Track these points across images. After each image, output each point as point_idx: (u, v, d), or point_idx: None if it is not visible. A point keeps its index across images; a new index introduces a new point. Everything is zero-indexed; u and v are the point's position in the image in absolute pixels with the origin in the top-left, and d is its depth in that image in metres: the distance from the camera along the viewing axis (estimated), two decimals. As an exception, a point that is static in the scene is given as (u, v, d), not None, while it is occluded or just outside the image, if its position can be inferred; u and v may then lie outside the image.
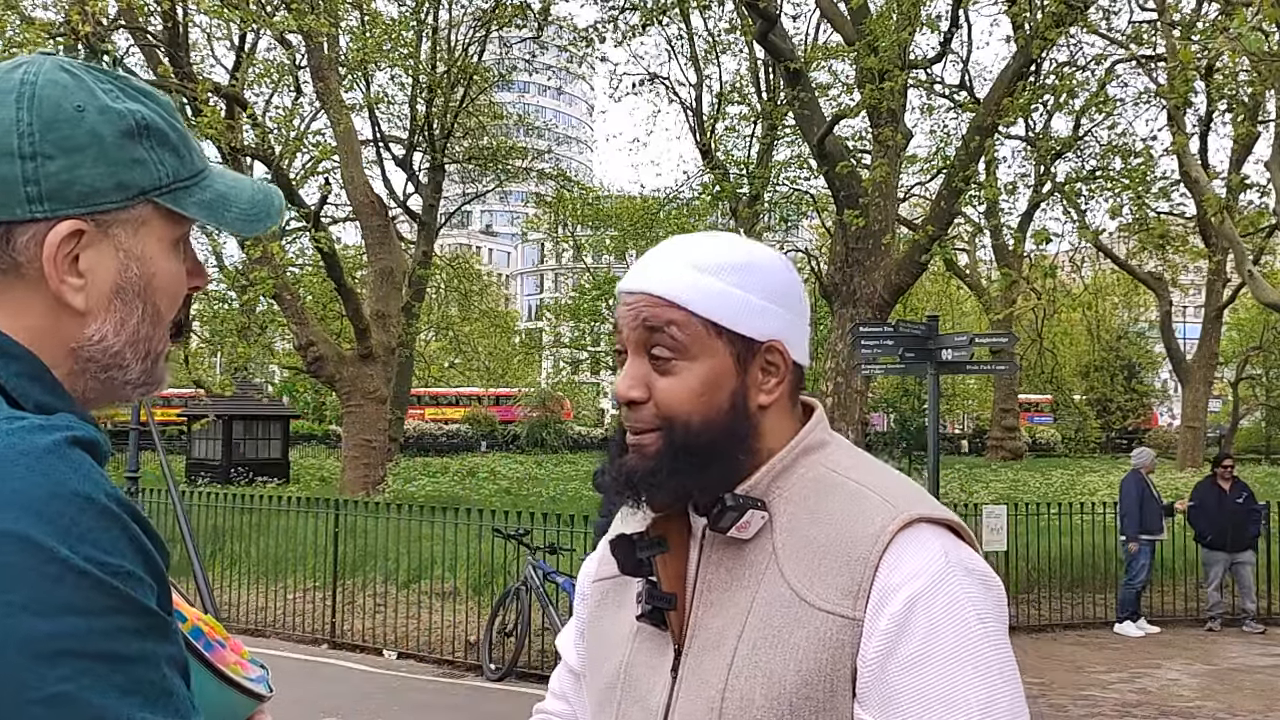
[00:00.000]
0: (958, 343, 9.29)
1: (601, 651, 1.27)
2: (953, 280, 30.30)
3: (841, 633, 1.06)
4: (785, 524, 1.14)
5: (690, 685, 1.13)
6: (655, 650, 1.19)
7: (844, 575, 1.07)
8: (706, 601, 1.16)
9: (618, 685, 1.21)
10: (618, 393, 1.17)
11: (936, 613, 1.03)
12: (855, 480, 1.15)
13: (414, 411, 39.06)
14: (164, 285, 0.89)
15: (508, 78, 24.60)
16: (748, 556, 1.15)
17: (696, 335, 1.14)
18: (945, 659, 1.02)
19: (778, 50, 12.75)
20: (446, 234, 44.16)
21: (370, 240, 16.75)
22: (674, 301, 1.14)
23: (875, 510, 1.10)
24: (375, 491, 14.85)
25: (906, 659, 1.02)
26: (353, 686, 7.85)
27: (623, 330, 1.18)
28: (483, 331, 32.19)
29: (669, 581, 1.17)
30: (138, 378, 0.89)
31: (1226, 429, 32.66)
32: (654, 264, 1.18)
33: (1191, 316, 35.68)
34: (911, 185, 22.87)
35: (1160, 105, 17.25)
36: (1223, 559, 10.08)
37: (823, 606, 1.07)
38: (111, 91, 0.87)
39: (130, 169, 0.85)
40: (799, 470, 1.17)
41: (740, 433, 1.16)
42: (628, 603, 1.24)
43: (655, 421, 1.15)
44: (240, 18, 13.51)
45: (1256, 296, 11.10)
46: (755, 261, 1.18)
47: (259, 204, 0.94)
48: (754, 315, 1.16)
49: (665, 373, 1.15)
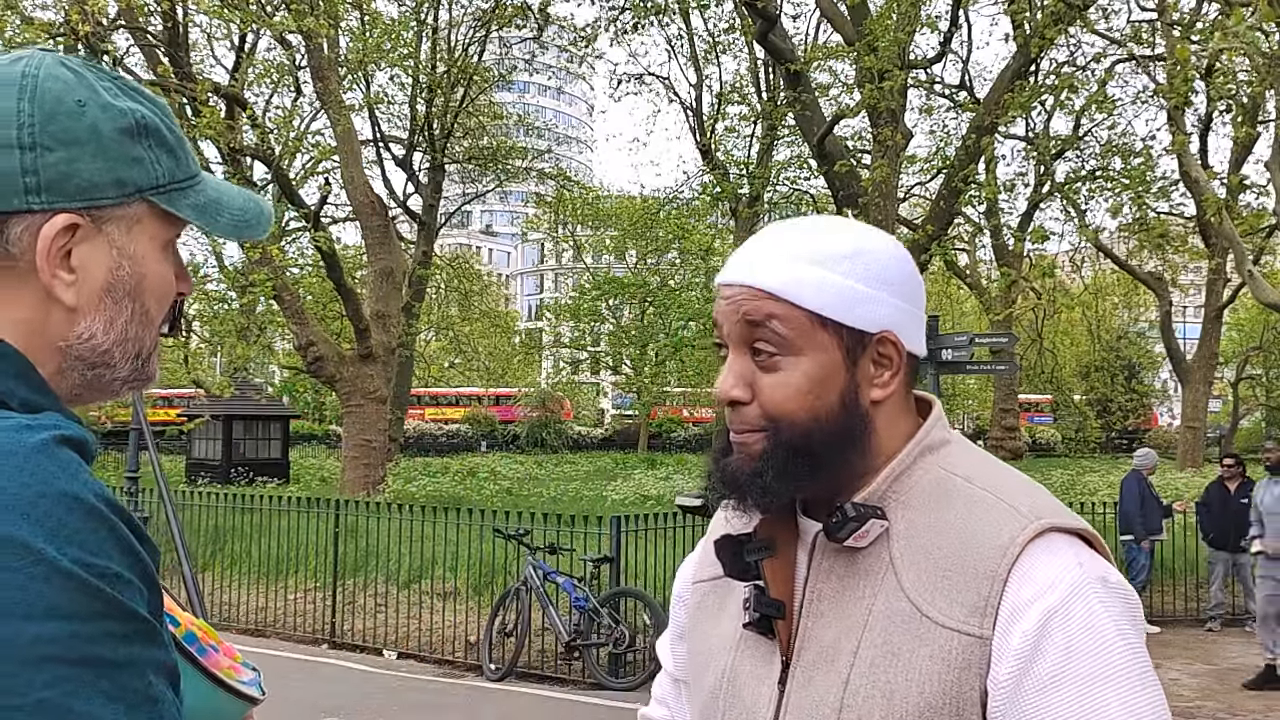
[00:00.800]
0: (958, 343, 9.29)
1: (703, 657, 1.21)
2: (953, 280, 30.28)
3: (968, 652, 0.99)
4: (903, 532, 1.07)
5: (801, 701, 1.07)
6: (760, 659, 1.12)
7: (970, 590, 1.01)
8: (816, 611, 1.09)
9: (721, 694, 1.15)
10: (719, 392, 1.10)
11: (1073, 629, 0.97)
12: (980, 485, 1.08)
13: (414, 411, 39.05)
14: (154, 286, 0.88)
15: (508, 78, 24.61)
16: (862, 565, 1.08)
17: (801, 329, 1.07)
18: (1085, 679, 0.96)
19: (778, 50, 12.75)
20: (446, 234, 44.15)
21: (370, 240, 16.75)
22: (774, 294, 1.07)
23: (1003, 519, 1.03)
24: (375, 491, 14.85)
25: (1043, 679, 0.96)
26: (353, 686, 7.85)
27: (722, 326, 1.12)
28: (483, 331, 32.21)
29: (776, 587, 1.11)
30: (127, 375, 0.89)
31: (1226, 429, 32.65)
32: (753, 254, 1.11)
33: (1191, 316, 35.69)
34: (911, 185, 22.88)
35: (1160, 105, 17.25)
36: (1225, 558, 10.07)
37: (948, 624, 1.00)
38: (111, 89, 0.87)
39: (129, 166, 0.85)
40: (917, 473, 1.10)
41: (854, 432, 1.09)
42: (729, 606, 1.19)
43: (760, 422, 1.08)
44: (240, 18, 13.51)
45: (1256, 296, 11.10)
46: (863, 247, 1.11)
47: (249, 211, 0.95)
48: (862, 304, 1.09)
49: (769, 369, 1.08)
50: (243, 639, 9.01)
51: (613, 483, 21.07)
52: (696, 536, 2.00)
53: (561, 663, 8.22)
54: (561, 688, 7.91)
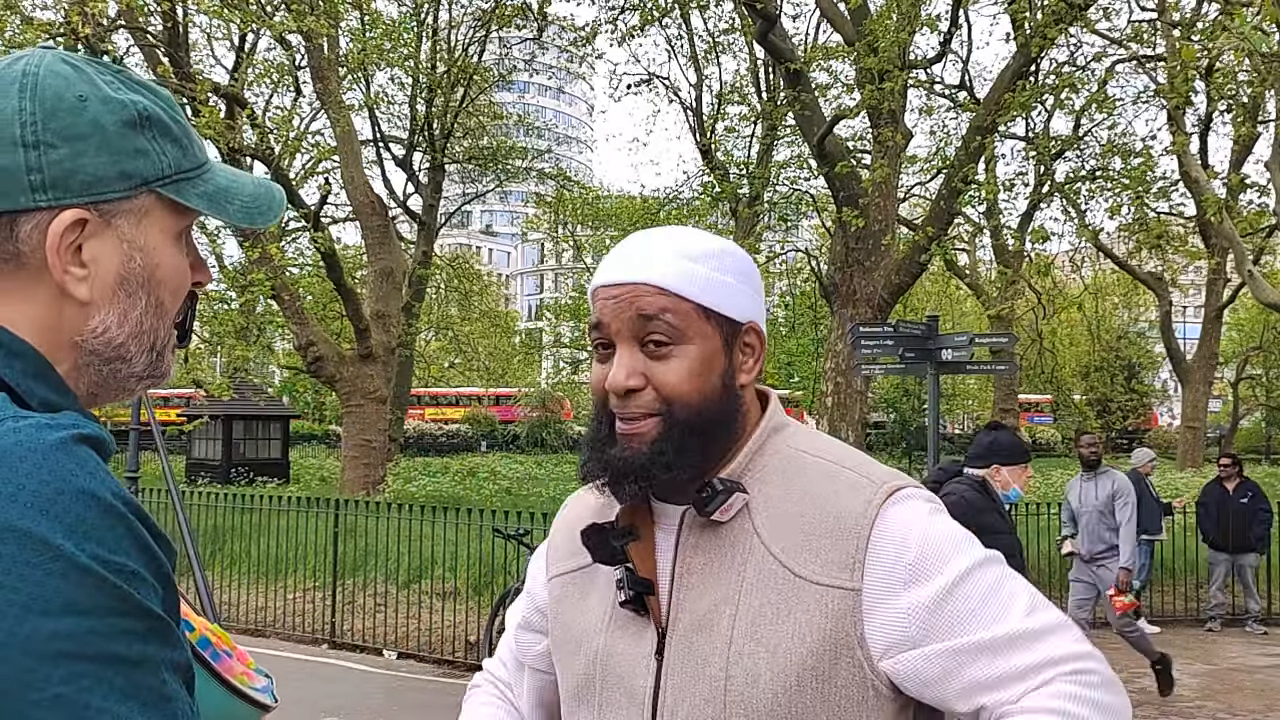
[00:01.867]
0: (958, 343, 9.29)
1: (570, 645, 1.28)
2: (953, 280, 30.27)
3: (842, 603, 1.12)
4: (762, 504, 1.19)
5: (683, 667, 1.16)
6: (633, 636, 1.21)
7: (838, 549, 1.13)
8: (687, 585, 1.19)
9: (595, 676, 1.23)
10: (615, 383, 1.18)
11: (934, 547, 1.13)
12: (829, 459, 1.22)
13: (414, 411, 39.05)
14: (167, 277, 0.88)
15: (508, 78, 24.60)
16: (727, 538, 1.18)
17: (689, 320, 1.18)
18: (967, 572, 1.12)
19: (778, 50, 12.75)
20: (446, 234, 44.15)
21: (370, 240, 16.74)
22: (667, 288, 1.18)
23: (858, 487, 1.17)
24: (375, 491, 14.84)
25: (938, 590, 1.11)
26: (353, 686, 7.84)
27: (609, 323, 1.20)
28: (483, 331, 32.19)
29: (641, 568, 1.20)
30: (143, 370, 0.89)
31: (1226, 429, 32.66)
32: (638, 256, 1.21)
33: (1191, 316, 35.68)
34: (911, 185, 22.85)
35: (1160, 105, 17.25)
36: (1225, 558, 10.07)
37: (820, 580, 1.13)
38: (113, 83, 0.87)
39: (133, 158, 0.85)
40: (769, 452, 1.23)
41: (732, 411, 1.21)
42: (592, 594, 1.27)
43: (655, 406, 1.17)
44: (240, 18, 13.51)
45: (1256, 296, 11.10)
46: (726, 248, 1.24)
47: (260, 198, 0.94)
48: (735, 297, 1.21)
49: (661, 358, 1.18)
50: (242, 639, 9.00)
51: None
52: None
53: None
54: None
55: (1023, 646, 1.09)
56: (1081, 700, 1.07)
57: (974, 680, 1.10)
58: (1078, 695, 1.07)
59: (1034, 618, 1.11)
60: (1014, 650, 1.09)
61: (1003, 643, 1.09)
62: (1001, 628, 1.10)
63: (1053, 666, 1.09)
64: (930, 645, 1.10)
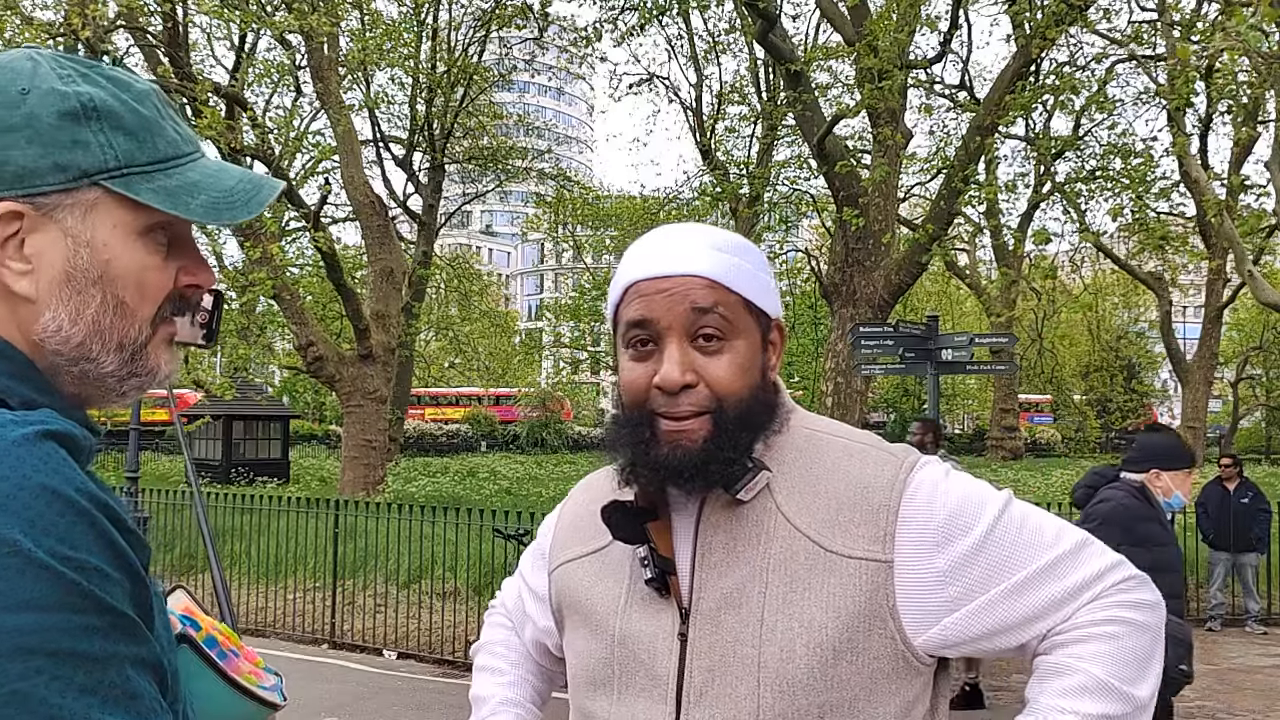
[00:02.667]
0: (958, 343, 9.30)
1: (584, 631, 1.26)
2: (953, 280, 30.29)
3: (876, 575, 1.13)
4: (782, 483, 1.19)
5: (712, 647, 1.15)
6: (652, 617, 1.19)
7: (867, 523, 1.15)
8: (709, 564, 1.18)
9: (614, 658, 1.21)
10: (670, 379, 1.15)
11: (963, 503, 1.17)
12: (843, 437, 1.24)
13: (414, 411, 39.04)
14: (123, 274, 0.85)
15: (508, 78, 24.59)
16: (749, 517, 1.18)
17: (738, 313, 1.18)
18: (992, 525, 1.16)
19: (778, 50, 12.75)
20: (446, 234, 44.16)
21: (370, 240, 16.74)
22: (719, 281, 1.17)
23: (881, 462, 1.19)
24: (375, 491, 14.84)
25: (971, 545, 1.15)
26: (353, 686, 7.84)
27: (659, 318, 1.17)
28: (483, 331, 32.20)
29: (661, 548, 1.19)
30: (116, 370, 0.86)
31: (1226, 429, 32.64)
32: (681, 249, 1.19)
33: (1191, 316, 35.67)
34: (911, 185, 22.87)
35: (1160, 105, 17.25)
36: (1225, 558, 10.07)
37: (852, 554, 1.14)
38: (69, 76, 0.84)
39: (69, 150, 0.82)
40: (785, 432, 1.23)
41: (773, 405, 1.22)
42: (607, 575, 1.25)
43: (706, 404, 1.16)
44: (240, 18, 13.51)
45: (1256, 296, 11.10)
46: (749, 243, 1.25)
47: (240, 192, 0.90)
48: (769, 293, 1.23)
49: (713, 354, 1.17)
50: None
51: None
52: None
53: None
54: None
55: (1060, 573, 1.15)
56: (1127, 605, 1.15)
57: (1024, 615, 1.14)
58: (1123, 601, 1.15)
59: (1062, 542, 1.17)
60: (1053, 578, 1.15)
61: (1043, 574, 1.15)
62: (1037, 561, 1.15)
63: (1094, 584, 1.15)
64: (976, 600, 1.14)
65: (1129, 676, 1.12)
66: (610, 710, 1.20)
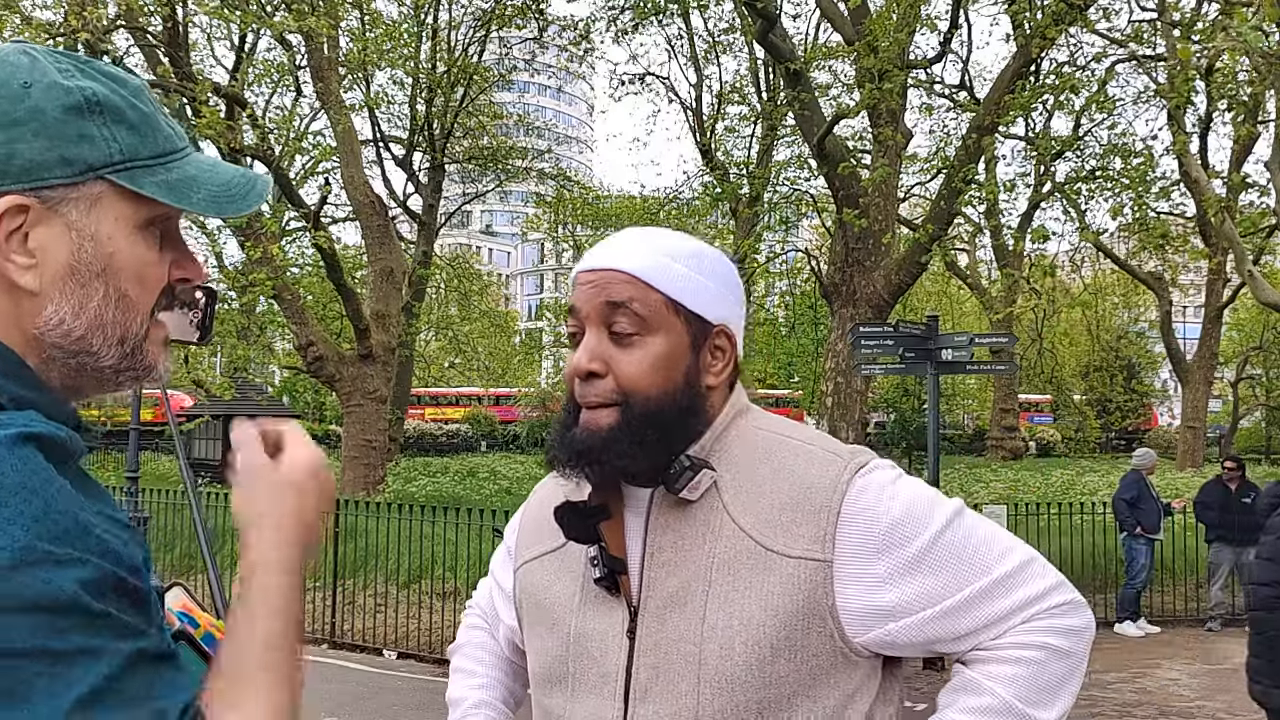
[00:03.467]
0: (958, 343, 9.29)
1: (541, 628, 1.29)
2: (953, 280, 30.28)
3: (815, 574, 1.14)
4: (730, 482, 1.21)
5: (656, 645, 1.17)
6: (604, 616, 1.22)
7: (808, 524, 1.16)
8: (658, 563, 1.20)
9: (569, 656, 1.24)
10: (577, 365, 1.20)
11: (904, 507, 1.17)
12: (792, 437, 1.24)
13: (414, 411, 39.01)
14: (126, 267, 0.85)
15: (508, 78, 24.60)
16: (697, 516, 1.20)
17: (658, 311, 1.20)
18: (938, 533, 1.17)
19: (778, 50, 12.74)
20: (446, 234, 44.14)
21: (370, 240, 16.74)
22: (639, 277, 1.20)
23: (825, 462, 1.20)
24: (375, 491, 14.84)
25: (914, 553, 1.15)
26: (353, 686, 7.84)
27: (582, 308, 1.22)
28: (483, 331, 32.17)
29: (613, 547, 1.22)
30: (116, 363, 0.86)
31: (1226, 429, 32.63)
32: (617, 246, 1.23)
33: (1191, 316, 35.67)
34: (911, 185, 22.87)
35: (1160, 105, 17.25)
36: (1227, 559, 10.06)
37: (791, 553, 1.15)
38: (68, 71, 0.85)
39: (76, 144, 0.82)
40: (733, 433, 1.25)
41: (694, 409, 1.22)
42: (564, 574, 1.28)
43: (613, 395, 1.19)
44: (240, 18, 13.51)
45: (1256, 296, 11.09)
46: (708, 251, 1.27)
47: (236, 186, 0.91)
48: (709, 298, 1.23)
49: (625, 347, 1.20)
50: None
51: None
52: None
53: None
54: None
55: (999, 593, 1.16)
56: (1056, 630, 1.17)
57: (960, 631, 1.16)
58: (1053, 626, 1.17)
59: (1006, 560, 1.18)
60: (992, 597, 1.16)
61: (982, 594, 1.16)
62: (978, 581, 1.16)
63: (1030, 605, 1.17)
64: (915, 615, 1.15)
65: (1037, 700, 1.15)
66: (566, 706, 1.23)
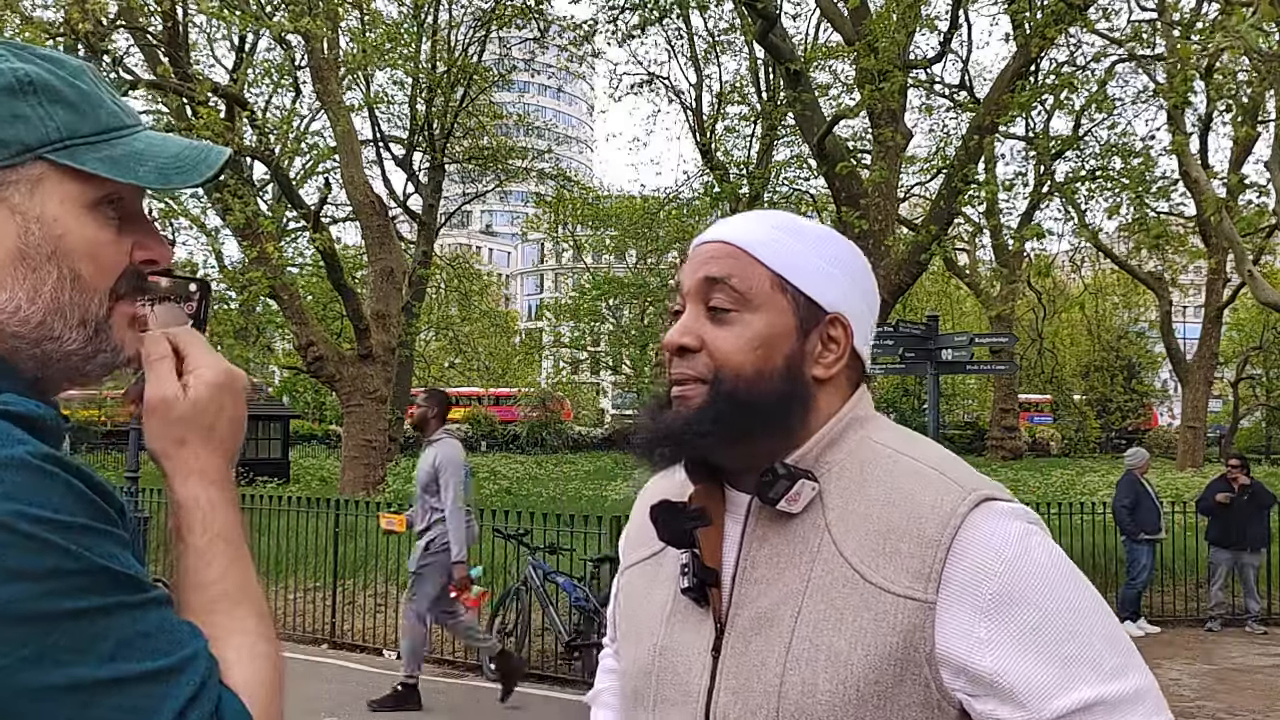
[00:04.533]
0: (958, 343, 9.30)
1: (633, 636, 1.22)
2: (953, 280, 30.30)
3: (914, 616, 1.01)
4: (837, 499, 1.09)
5: (739, 667, 1.08)
6: (692, 629, 1.14)
7: (914, 557, 1.03)
8: (752, 579, 1.10)
9: (654, 669, 1.16)
10: (668, 341, 1.13)
11: (1030, 576, 1.01)
12: (910, 456, 1.11)
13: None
14: (78, 248, 0.84)
15: (508, 78, 24.61)
16: (797, 533, 1.09)
17: (761, 287, 1.11)
18: (1056, 613, 1.01)
19: (778, 50, 12.75)
20: (446, 234, 44.14)
21: (370, 240, 16.75)
22: (746, 250, 1.12)
23: (942, 490, 1.06)
24: (375, 491, 14.85)
25: (1025, 626, 1.00)
26: (353, 686, 7.83)
27: (684, 283, 1.15)
28: (483, 331, 32.19)
29: (708, 556, 1.13)
30: (81, 348, 0.85)
31: (1226, 429, 32.65)
32: (734, 220, 1.17)
33: (1191, 316, 35.68)
34: (911, 185, 22.88)
35: (1160, 105, 17.25)
36: (1228, 558, 10.05)
37: (892, 589, 1.02)
38: (4, 57, 0.84)
39: (10, 125, 0.82)
40: (847, 444, 1.13)
41: (793, 398, 1.11)
42: (659, 582, 1.20)
43: (704, 372, 1.11)
44: (240, 18, 13.52)
45: (1256, 296, 11.10)
46: (836, 238, 1.17)
47: (187, 158, 0.89)
48: (823, 280, 1.13)
49: (722, 324, 1.11)
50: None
51: (613, 483, 21.06)
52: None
53: (561, 663, 8.22)
54: (561, 688, 7.91)
55: (1099, 714, 0.99)
56: None
57: None
58: None
59: (1117, 682, 1.00)
60: (1090, 714, 0.99)
61: (1078, 709, 0.99)
62: (1079, 692, 0.99)
63: None
64: (998, 702, 1.00)
65: None
66: None
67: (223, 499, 0.88)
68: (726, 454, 1.13)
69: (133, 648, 0.72)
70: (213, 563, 0.85)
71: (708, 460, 1.15)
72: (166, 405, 0.87)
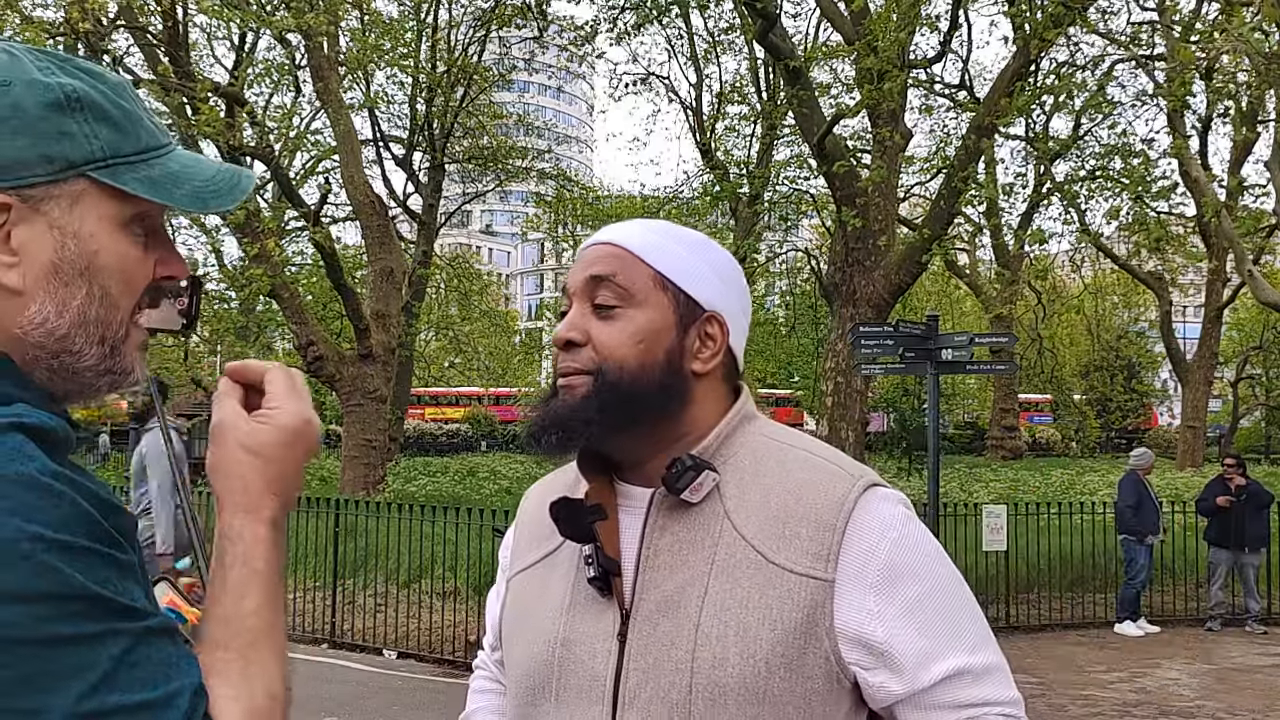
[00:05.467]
0: (958, 342, 9.29)
1: (527, 635, 1.25)
2: (953, 280, 30.28)
3: (815, 594, 1.12)
4: (734, 489, 1.18)
5: (647, 649, 1.14)
6: (594, 618, 1.19)
7: (812, 540, 1.13)
8: (654, 565, 1.17)
9: (554, 660, 1.20)
10: (556, 335, 1.20)
11: (910, 556, 1.15)
12: (802, 448, 1.22)
13: (414, 411, 39.03)
14: (110, 265, 0.85)
15: (508, 78, 24.60)
16: (697, 520, 1.18)
17: (643, 285, 1.19)
18: (932, 589, 1.15)
19: (778, 50, 12.74)
20: (446, 234, 44.12)
21: (370, 240, 16.73)
22: (629, 250, 1.20)
23: (835, 478, 1.17)
24: (375, 491, 14.84)
25: (909, 600, 1.13)
26: (353, 686, 7.84)
27: (569, 284, 1.23)
28: (483, 331, 32.16)
29: (608, 548, 1.19)
30: (96, 364, 0.86)
31: (1226, 429, 32.63)
32: (616, 226, 1.25)
33: (1191, 316, 35.68)
34: (911, 185, 22.86)
35: (1159, 106, 17.25)
36: (1227, 558, 10.06)
37: (794, 569, 1.13)
38: (48, 69, 0.84)
39: (56, 141, 0.82)
40: (742, 437, 1.22)
41: (673, 390, 1.20)
42: (554, 580, 1.26)
43: (589, 364, 1.18)
44: (240, 18, 13.51)
45: (1256, 296, 11.10)
46: (712, 245, 1.26)
47: (221, 182, 0.90)
48: (701, 281, 1.22)
49: (606, 319, 1.19)
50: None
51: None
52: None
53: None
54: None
55: (965, 683, 1.14)
56: None
57: (918, 702, 1.14)
58: None
59: (979, 655, 1.15)
60: (957, 685, 1.14)
61: (949, 676, 1.13)
62: (950, 660, 1.13)
63: (985, 706, 1.14)
64: (888, 673, 1.13)
65: None
66: (551, 714, 1.20)
67: (268, 538, 0.90)
68: (612, 443, 1.21)
69: (119, 678, 0.72)
70: (244, 599, 0.86)
71: (598, 453, 1.22)
72: (230, 435, 0.91)
